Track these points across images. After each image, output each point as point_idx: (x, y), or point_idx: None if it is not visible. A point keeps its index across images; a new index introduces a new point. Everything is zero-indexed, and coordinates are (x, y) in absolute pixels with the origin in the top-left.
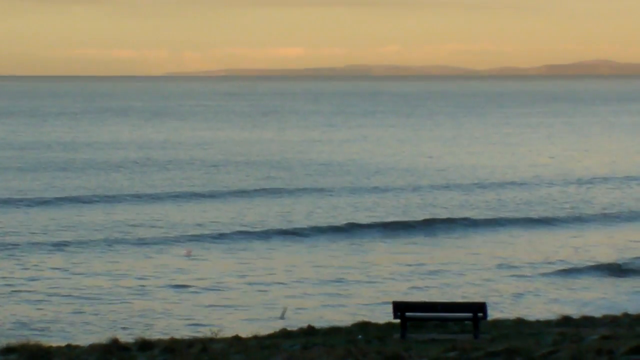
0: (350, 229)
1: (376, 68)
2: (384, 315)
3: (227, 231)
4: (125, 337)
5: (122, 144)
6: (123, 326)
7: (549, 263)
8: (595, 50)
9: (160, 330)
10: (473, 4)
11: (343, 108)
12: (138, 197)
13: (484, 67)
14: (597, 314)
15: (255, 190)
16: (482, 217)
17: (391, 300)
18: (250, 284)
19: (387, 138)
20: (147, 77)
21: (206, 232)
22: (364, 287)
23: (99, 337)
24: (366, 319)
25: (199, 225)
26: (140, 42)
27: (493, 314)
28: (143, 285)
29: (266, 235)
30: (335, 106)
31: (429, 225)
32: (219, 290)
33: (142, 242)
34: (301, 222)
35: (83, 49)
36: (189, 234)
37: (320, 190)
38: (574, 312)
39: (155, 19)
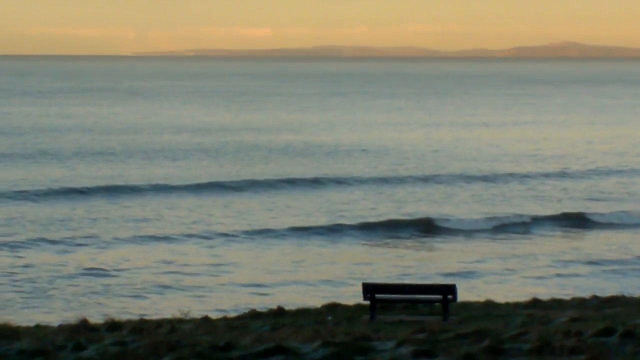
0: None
1: (344, 49)
2: (354, 297)
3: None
4: (94, 318)
5: (100, 127)
6: (93, 306)
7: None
8: (563, 32)
9: (130, 311)
10: None
11: (322, 88)
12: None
13: (452, 48)
14: (566, 296)
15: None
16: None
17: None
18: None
19: (369, 122)
20: (113, 57)
21: (191, 228)
22: (333, 270)
23: (68, 317)
24: (336, 301)
25: (186, 219)
26: (106, 21)
27: (463, 296)
28: (107, 269)
29: (238, 232)
30: (319, 87)
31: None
32: (191, 275)
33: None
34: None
35: (46, 28)
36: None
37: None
38: (544, 294)
39: None
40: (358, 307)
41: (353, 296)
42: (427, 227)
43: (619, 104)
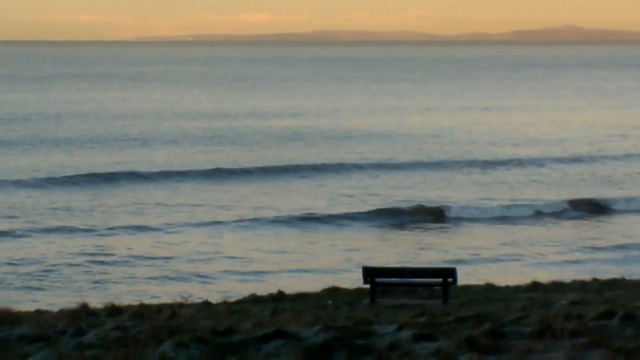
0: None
1: (343, 34)
2: (354, 282)
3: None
4: (94, 303)
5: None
6: (92, 292)
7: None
8: (562, 16)
9: (130, 296)
10: None
11: (322, 73)
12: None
13: (452, 32)
14: (567, 279)
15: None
16: (469, 200)
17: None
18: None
19: (374, 106)
20: (114, 42)
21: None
22: (334, 255)
23: (68, 302)
24: (336, 285)
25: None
26: (106, 7)
27: (463, 280)
28: (108, 255)
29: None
30: (319, 72)
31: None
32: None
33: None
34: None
35: (47, 14)
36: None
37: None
38: (544, 278)
39: None
40: (358, 291)
41: (353, 281)
42: (429, 213)
43: (620, 87)
